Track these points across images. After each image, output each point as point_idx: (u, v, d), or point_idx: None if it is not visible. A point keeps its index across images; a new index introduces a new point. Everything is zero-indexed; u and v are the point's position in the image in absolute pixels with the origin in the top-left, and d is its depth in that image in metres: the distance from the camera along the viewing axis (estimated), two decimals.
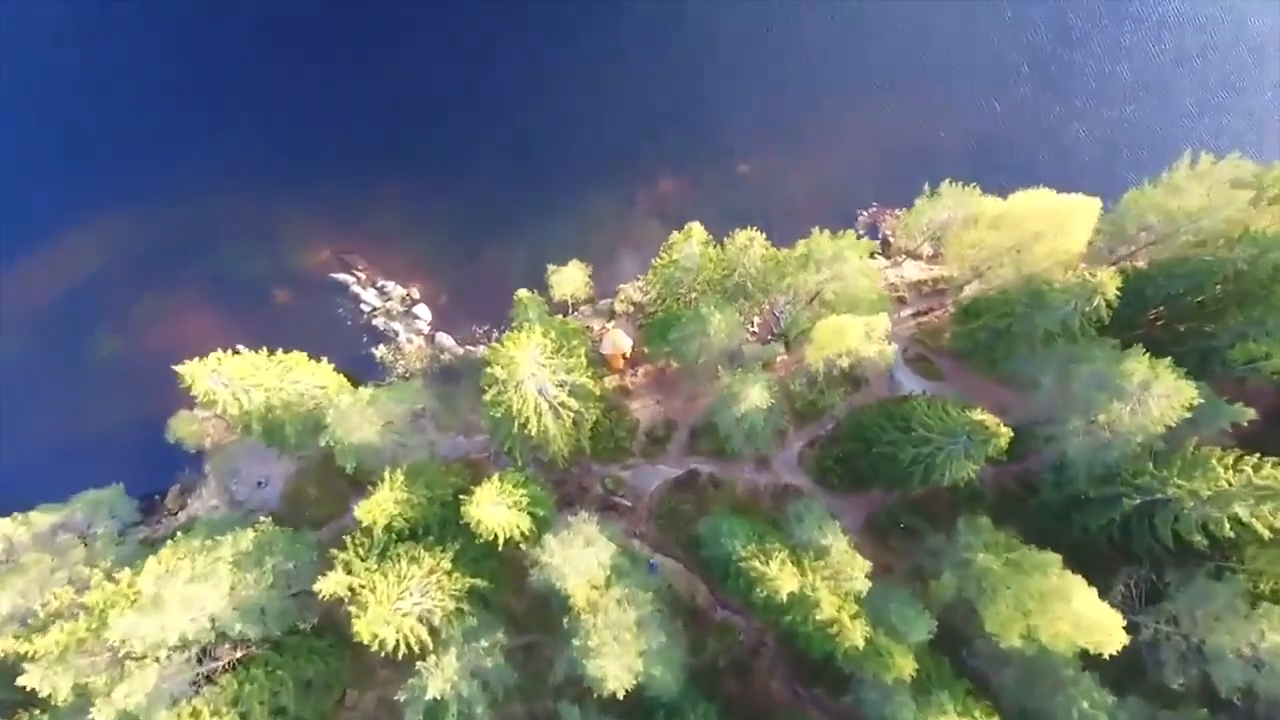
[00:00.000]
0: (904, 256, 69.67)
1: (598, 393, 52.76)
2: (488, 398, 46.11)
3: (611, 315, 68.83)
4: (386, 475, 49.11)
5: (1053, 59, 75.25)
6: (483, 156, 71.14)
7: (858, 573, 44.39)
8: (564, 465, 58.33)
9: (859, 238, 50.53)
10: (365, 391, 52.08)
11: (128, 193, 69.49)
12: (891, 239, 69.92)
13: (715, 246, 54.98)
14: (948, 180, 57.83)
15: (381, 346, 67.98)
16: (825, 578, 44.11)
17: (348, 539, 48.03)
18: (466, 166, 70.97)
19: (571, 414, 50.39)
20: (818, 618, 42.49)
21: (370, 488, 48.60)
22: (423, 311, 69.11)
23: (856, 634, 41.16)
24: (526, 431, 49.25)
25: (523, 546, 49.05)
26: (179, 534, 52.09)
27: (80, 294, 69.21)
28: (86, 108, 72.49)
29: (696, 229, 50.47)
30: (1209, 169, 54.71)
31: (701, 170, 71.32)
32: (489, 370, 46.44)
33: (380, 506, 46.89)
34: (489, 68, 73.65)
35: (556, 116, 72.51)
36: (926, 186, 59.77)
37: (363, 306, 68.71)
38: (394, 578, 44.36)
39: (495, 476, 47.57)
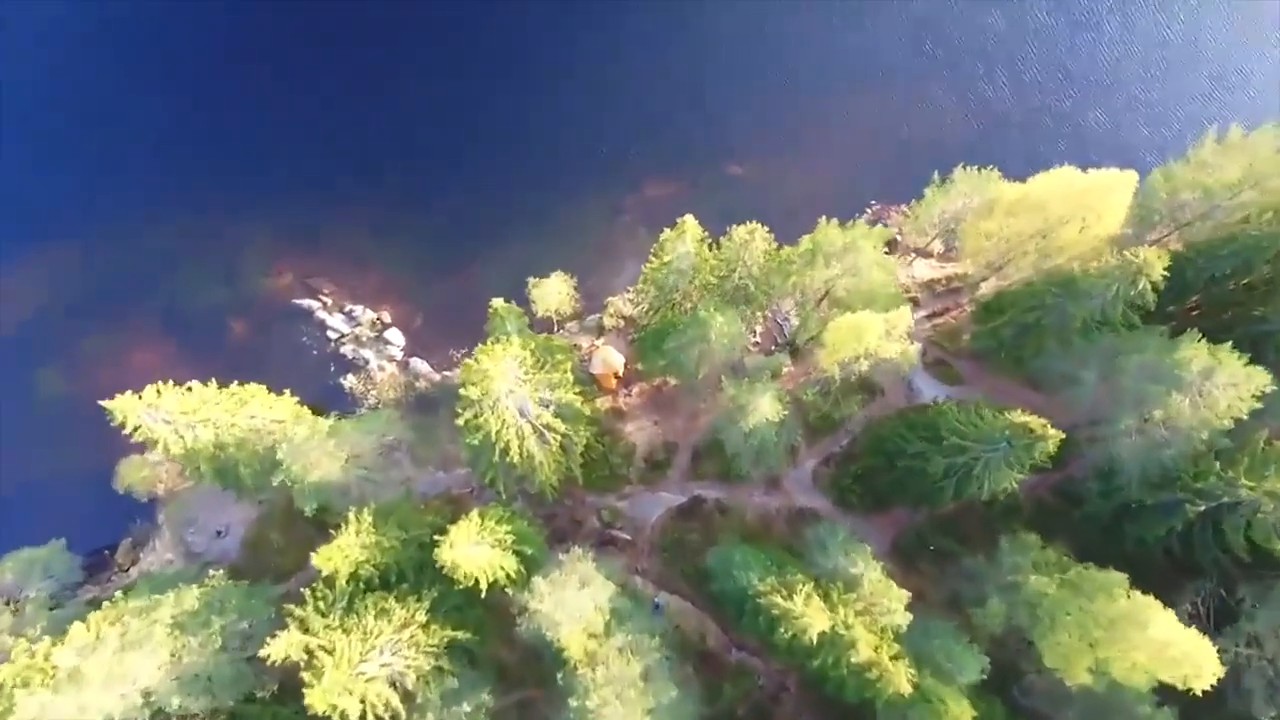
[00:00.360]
0: (913, 255, 64.68)
1: (587, 413, 47.06)
2: (462, 421, 40.42)
3: (600, 331, 63.43)
4: (351, 516, 43.20)
5: (1060, 43, 71.24)
6: (456, 168, 66.19)
7: (896, 605, 38.42)
8: (554, 497, 52.44)
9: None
10: (324, 422, 46.31)
11: (71, 220, 64.02)
12: (899, 237, 64.91)
13: (712, 247, 49.90)
14: (961, 165, 52.99)
15: (351, 376, 62.29)
16: (859, 612, 38.12)
17: (306, 591, 41.83)
18: (438, 179, 65.94)
19: (559, 438, 44.66)
20: (853, 660, 36.46)
21: (333, 531, 42.68)
22: (395, 336, 63.53)
23: (901, 678, 35.09)
24: (509, 460, 43.44)
25: (509, 591, 43.02)
26: (117, 594, 45.73)
27: (21, 331, 63.39)
28: (25, 127, 67.14)
29: (690, 223, 45.27)
30: (1240, 141, 50.24)
31: (691, 173, 66.43)
32: (463, 391, 40.86)
33: (343, 552, 40.97)
34: (460, 74, 69.03)
35: (534, 123, 67.81)
36: (936, 175, 54.99)
37: (329, 334, 63.11)
38: (358, 635, 38.16)
39: (474, 513, 41.66)
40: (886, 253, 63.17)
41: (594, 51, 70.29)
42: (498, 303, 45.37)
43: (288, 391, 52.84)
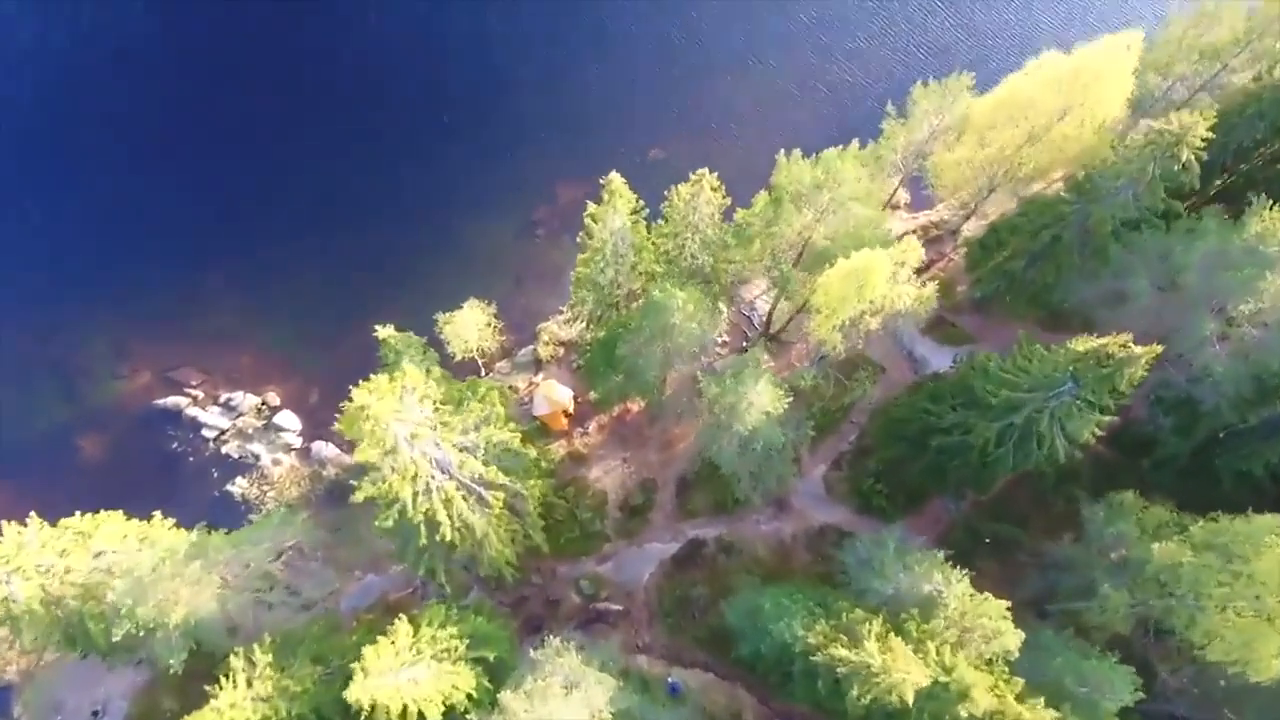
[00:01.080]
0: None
1: (534, 456, 35.98)
2: (361, 495, 28.90)
3: (538, 366, 52.70)
4: (237, 661, 31.17)
5: None
6: (329, 209, 55.37)
7: (1001, 624, 27.80)
8: (516, 577, 40.78)
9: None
10: (183, 539, 34.30)
11: None
12: None
13: (650, 228, 40.25)
14: (919, 83, 44.72)
15: (240, 479, 49.94)
16: (953, 644, 27.45)
17: None
18: (310, 225, 54.93)
19: (501, 497, 33.30)
20: (965, 715, 25.61)
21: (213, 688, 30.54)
22: (287, 420, 51.48)
23: None
24: (442, 538, 31.92)
25: (471, 717, 31.20)
26: None
27: None
28: None
29: (617, 183, 35.25)
30: (1215, 5, 43.46)
31: (608, 166, 55.47)
32: (356, 455, 29.54)
33: (223, 717, 28.72)
34: (322, 102, 58.65)
35: (418, 146, 57.86)
36: (890, 106, 46.55)
37: (205, 433, 50.69)
38: None
39: (401, 621, 30.00)
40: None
41: (471, 55, 61.03)
42: (386, 331, 34.30)
43: (157, 514, 40.31)
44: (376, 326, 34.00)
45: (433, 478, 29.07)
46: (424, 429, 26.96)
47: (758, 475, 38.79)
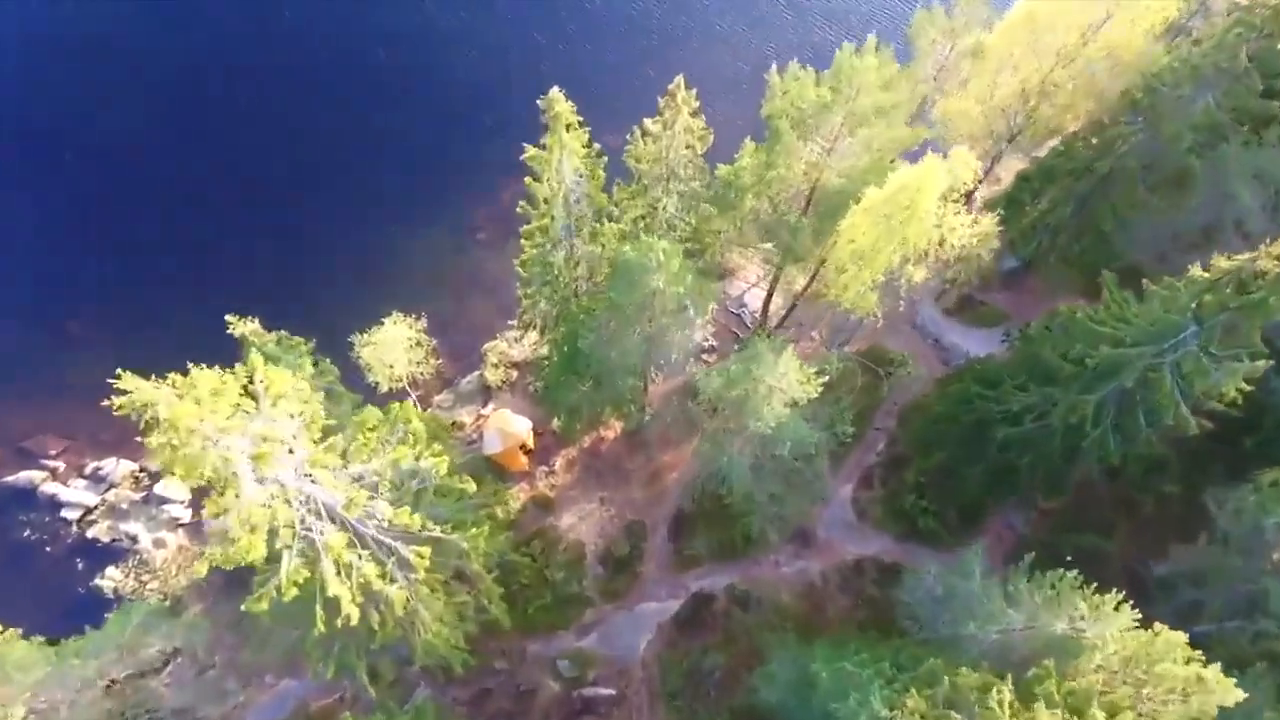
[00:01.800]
0: None
1: (473, 490, 25.88)
2: (200, 570, 18.81)
3: (487, 395, 43.05)
4: None
5: None
6: (226, 220, 46.00)
7: (1198, 669, 18.27)
8: (470, 665, 30.27)
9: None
10: None
11: None
12: None
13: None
14: (921, 9, 37.34)
15: (112, 568, 39.01)
16: (1132, 706, 17.86)
17: None
18: (202, 242, 45.35)
19: (427, 553, 23.17)
20: None
21: None
22: (171, 489, 40.76)
23: None
24: (345, 622, 21.65)
25: None
26: None
27: None
28: None
29: (560, 105, 26.32)
30: None
31: None
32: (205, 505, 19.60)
33: None
34: (211, 79, 49.74)
35: (328, 135, 49.32)
36: (873, 39, 38.89)
37: (66, 514, 39.73)
38: None
39: None
40: None
41: (391, 27, 52.92)
42: (247, 326, 24.57)
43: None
44: (228, 318, 24.36)
45: (308, 528, 19.11)
46: (275, 445, 17.11)
47: (780, 498, 29.30)
